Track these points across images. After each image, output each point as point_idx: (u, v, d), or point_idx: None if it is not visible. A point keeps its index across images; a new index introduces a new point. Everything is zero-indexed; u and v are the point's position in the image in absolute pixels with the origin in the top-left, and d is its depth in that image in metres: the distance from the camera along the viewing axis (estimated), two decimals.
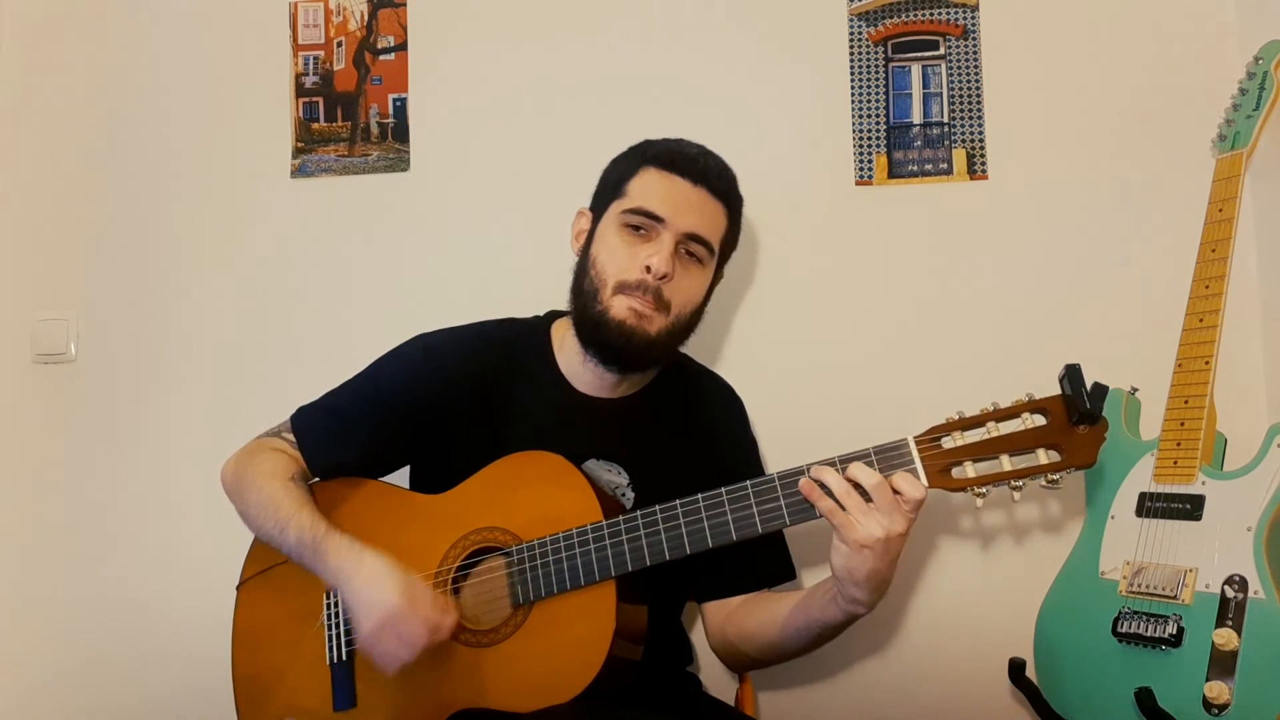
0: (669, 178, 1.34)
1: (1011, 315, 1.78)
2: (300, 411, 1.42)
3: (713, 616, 1.44)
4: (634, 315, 1.31)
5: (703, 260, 1.37)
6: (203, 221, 1.93)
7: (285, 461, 1.37)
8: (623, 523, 1.22)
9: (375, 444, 1.40)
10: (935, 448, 1.14)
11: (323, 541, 1.26)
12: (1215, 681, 1.30)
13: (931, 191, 1.82)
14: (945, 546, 1.77)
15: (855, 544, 1.12)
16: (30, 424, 1.94)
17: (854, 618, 1.22)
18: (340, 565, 1.24)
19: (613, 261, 1.33)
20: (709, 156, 1.38)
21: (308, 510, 1.30)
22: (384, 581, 1.21)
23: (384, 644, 1.20)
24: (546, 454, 1.29)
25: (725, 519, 1.19)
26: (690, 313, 1.37)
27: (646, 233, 1.33)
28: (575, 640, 1.21)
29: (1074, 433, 1.10)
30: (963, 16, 1.83)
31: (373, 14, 1.93)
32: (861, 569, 1.14)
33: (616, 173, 1.40)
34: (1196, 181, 1.60)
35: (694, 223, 1.33)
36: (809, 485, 1.15)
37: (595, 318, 1.33)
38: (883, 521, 1.11)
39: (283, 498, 1.31)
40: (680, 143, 1.39)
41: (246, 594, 1.40)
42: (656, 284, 1.31)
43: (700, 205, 1.34)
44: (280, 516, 1.29)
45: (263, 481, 1.33)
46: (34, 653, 1.90)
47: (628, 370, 1.38)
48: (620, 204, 1.36)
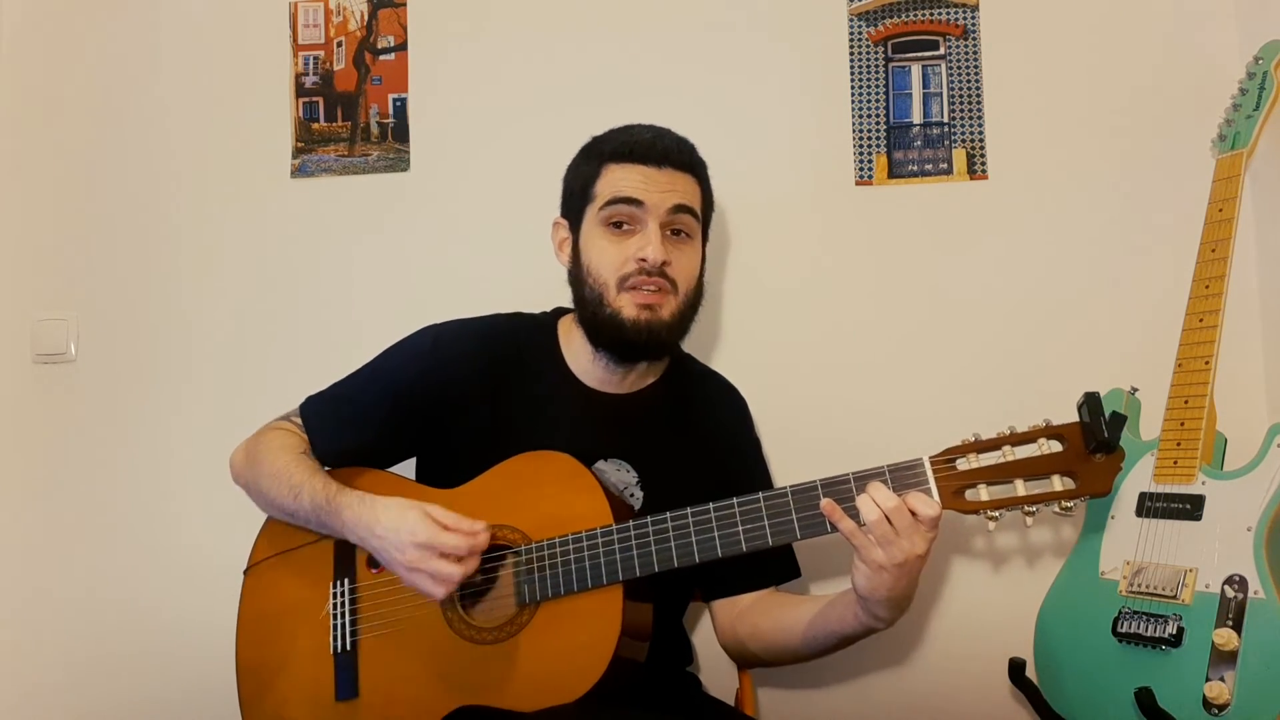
0: (633, 169, 1.34)
1: (1011, 315, 1.78)
2: (309, 400, 1.44)
3: (722, 615, 1.45)
4: (645, 310, 1.32)
5: (691, 233, 1.37)
6: (203, 221, 1.93)
7: (295, 439, 1.40)
8: (633, 528, 1.22)
9: (383, 433, 1.40)
10: (950, 469, 1.14)
11: (336, 497, 1.29)
12: (1215, 681, 1.30)
13: (931, 191, 1.82)
14: (945, 547, 1.77)
15: (875, 565, 1.13)
16: (30, 424, 1.94)
17: (872, 630, 1.22)
18: (358, 515, 1.26)
19: (605, 263, 1.34)
20: (663, 137, 1.37)
21: (320, 476, 1.33)
22: (405, 515, 1.23)
23: (429, 565, 1.20)
24: (559, 455, 1.29)
25: (736, 531, 1.19)
26: (694, 288, 1.38)
27: (631, 226, 1.34)
28: (580, 643, 1.21)
29: (1090, 461, 1.10)
30: (963, 16, 1.83)
31: (373, 14, 1.93)
32: (883, 589, 1.14)
33: (579, 179, 1.39)
34: (1196, 181, 1.60)
35: (672, 198, 1.34)
36: (831, 506, 1.15)
37: (608, 321, 1.33)
38: (903, 545, 1.11)
39: (295, 467, 1.34)
40: (629, 130, 1.39)
41: (253, 579, 1.40)
42: (659, 269, 1.32)
43: (670, 183, 1.34)
44: (294, 483, 1.32)
45: (275, 455, 1.36)
46: (34, 652, 1.90)
47: (649, 360, 1.39)
48: (594, 206, 1.36)
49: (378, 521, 1.25)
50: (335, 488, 1.31)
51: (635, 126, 1.40)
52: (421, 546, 1.20)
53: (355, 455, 1.40)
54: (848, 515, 1.14)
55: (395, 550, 1.22)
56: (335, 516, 1.28)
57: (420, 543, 1.20)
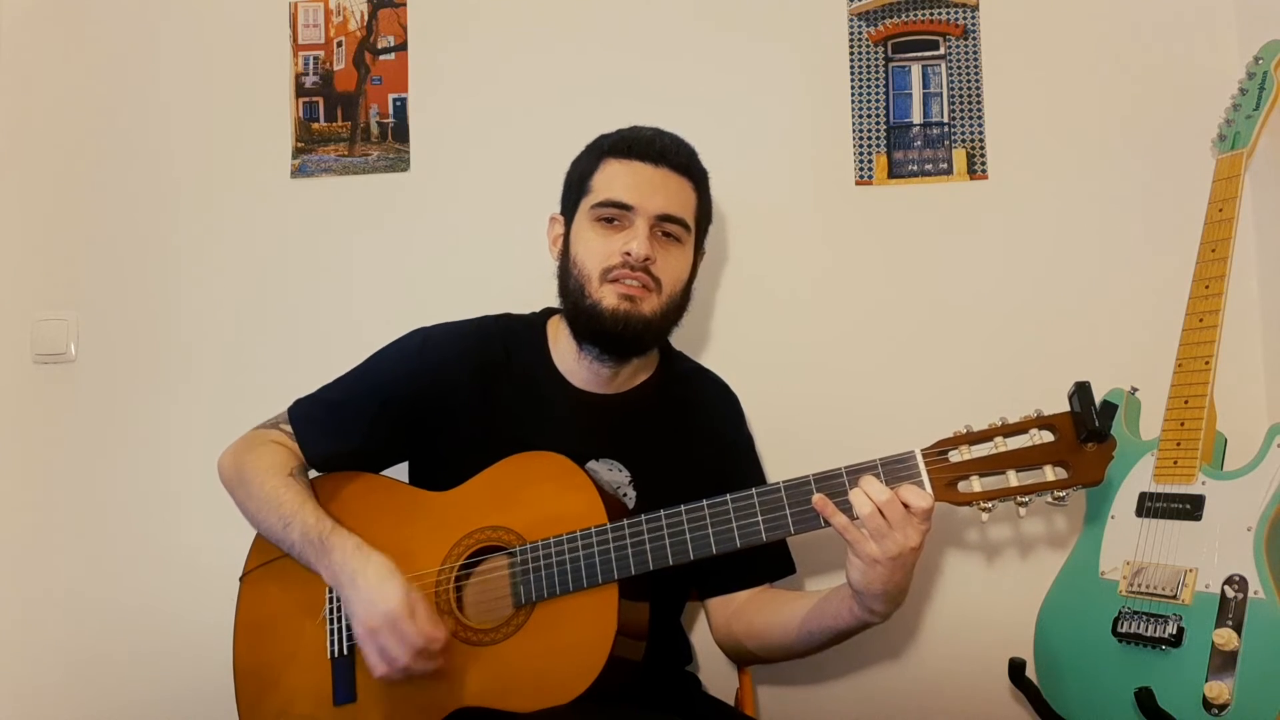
0: (629, 164, 1.36)
1: (1011, 315, 1.78)
2: (298, 403, 1.43)
3: (717, 613, 1.45)
4: (625, 300, 1.32)
5: (680, 239, 1.37)
6: (203, 221, 1.93)
7: (284, 455, 1.38)
8: (627, 526, 1.22)
9: (372, 437, 1.40)
10: (942, 461, 1.14)
11: (329, 538, 1.27)
12: (1215, 681, 1.30)
13: (931, 191, 1.82)
14: (945, 547, 1.77)
15: (870, 559, 1.13)
16: (30, 424, 1.94)
17: (867, 625, 1.22)
18: (345, 562, 1.25)
19: (591, 255, 1.35)
20: (664, 136, 1.39)
21: (310, 506, 1.31)
22: (389, 582, 1.22)
23: (380, 640, 1.20)
24: (552, 454, 1.29)
25: (730, 527, 1.19)
26: (680, 290, 1.38)
27: (620, 223, 1.35)
28: (576, 642, 1.21)
29: (1082, 450, 1.10)
30: (963, 16, 1.83)
31: (373, 14, 1.93)
32: (878, 582, 1.14)
33: (578, 171, 1.41)
34: (1196, 181, 1.60)
35: (663, 203, 1.34)
36: (823, 501, 1.15)
37: (588, 310, 1.34)
38: (897, 538, 1.12)
39: (284, 494, 1.32)
40: (633, 129, 1.40)
41: (249, 586, 1.40)
42: (643, 264, 1.32)
43: (664, 184, 1.35)
44: (283, 513, 1.30)
45: (264, 477, 1.34)
46: (34, 652, 1.90)
47: (627, 356, 1.39)
48: (588, 200, 1.37)
49: (363, 573, 1.23)
50: (329, 526, 1.29)
51: (639, 126, 1.42)
52: (384, 621, 1.20)
53: (344, 459, 1.39)
54: (840, 510, 1.14)
55: (365, 606, 1.21)
56: (325, 556, 1.27)
57: (386, 616, 1.20)
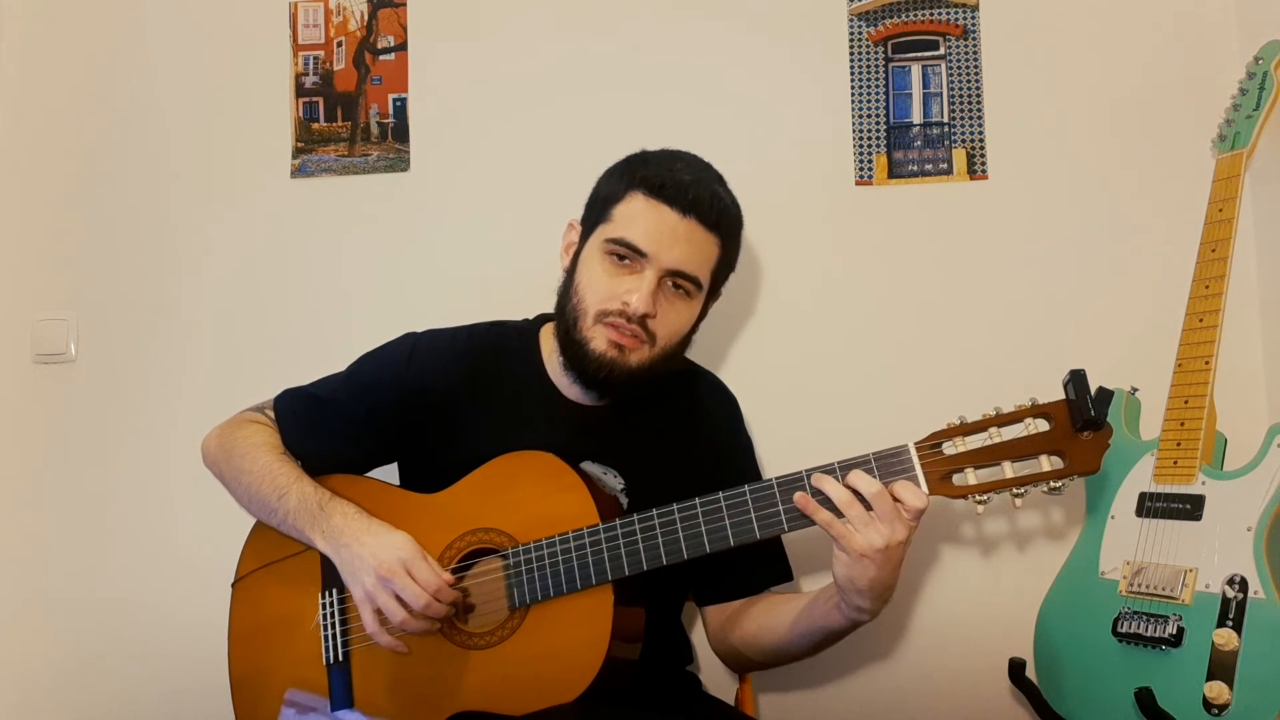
0: (656, 207, 1.28)
1: (1011, 315, 1.78)
2: (284, 395, 1.43)
3: (713, 620, 1.44)
4: (614, 348, 1.29)
5: (690, 293, 1.32)
6: (203, 221, 1.93)
7: (275, 435, 1.39)
8: (620, 527, 1.21)
9: (349, 439, 1.39)
10: (936, 454, 1.13)
11: (328, 504, 1.29)
12: (1215, 681, 1.30)
13: (931, 191, 1.81)
14: (945, 547, 1.77)
15: (855, 553, 1.12)
16: (30, 424, 1.94)
17: (858, 624, 1.21)
18: (348, 522, 1.27)
19: (593, 291, 1.30)
20: (701, 185, 1.29)
21: (307, 479, 1.33)
22: (398, 533, 1.24)
23: (394, 585, 1.20)
24: (543, 454, 1.28)
25: (723, 525, 1.18)
26: (677, 341, 1.34)
27: (630, 265, 1.29)
28: (573, 643, 1.20)
29: (1078, 439, 1.09)
30: (963, 16, 1.83)
31: (373, 14, 1.93)
32: (863, 578, 1.13)
33: (607, 189, 1.34)
34: (1196, 181, 1.60)
35: (678, 258, 1.28)
36: (804, 499, 1.14)
37: (577, 345, 1.31)
38: (883, 531, 1.11)
39: (280, 467, 1.34)
40: (674, 165, 1.31)
41: (242, 591, 1.40)
42: (640, 319, 1.28)
43: (688, 237, 1.28)
44: (280, 484, 1.32)
45: (257, 452, 1.36)
46: (33, 652, 1.90)
47: (608, 397, 1.37)
48: (605, 229, 1.31)
49: (369, 530, 1.25)
50: (328, 495, 1.31)
51: (682, 160, 1.33)
52: (389, 573, 1.20)
53: (320, 459, 1.39)
54: (823, 507, 1.13)
55: (377, 552, 1.22)
56: (324, 519, 1.28)
57: (391, 567, 1.20)
